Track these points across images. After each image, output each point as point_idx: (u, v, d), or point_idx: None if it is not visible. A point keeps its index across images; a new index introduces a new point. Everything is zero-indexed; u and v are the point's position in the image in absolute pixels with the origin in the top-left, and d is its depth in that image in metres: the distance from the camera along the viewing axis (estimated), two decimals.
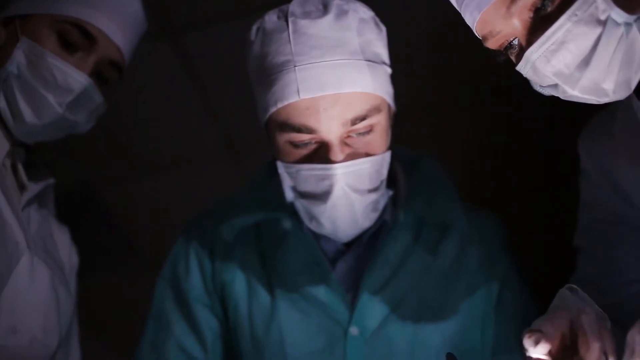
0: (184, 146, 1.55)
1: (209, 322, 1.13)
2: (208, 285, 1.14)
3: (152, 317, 1.16)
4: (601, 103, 0.81)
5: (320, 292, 1.10)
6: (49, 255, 1.04)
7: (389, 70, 1.09)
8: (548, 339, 0.74)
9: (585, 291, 0.99)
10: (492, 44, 0.86)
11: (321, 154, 1.03)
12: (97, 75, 1.04)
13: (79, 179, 1.57)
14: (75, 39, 1.00)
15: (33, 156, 1.09)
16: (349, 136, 1.03)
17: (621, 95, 0.79)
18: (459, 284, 1.13)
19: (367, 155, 1.05)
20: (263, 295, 1.11)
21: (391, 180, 1.14)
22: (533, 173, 1.44)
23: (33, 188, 1.03)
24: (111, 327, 1.24)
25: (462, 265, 1.14)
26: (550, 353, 0.74)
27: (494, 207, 1.27)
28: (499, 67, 0.88)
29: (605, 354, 0.73)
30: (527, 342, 0.75)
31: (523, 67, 0.82)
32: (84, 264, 1.37)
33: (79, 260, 1.15)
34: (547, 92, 0.83)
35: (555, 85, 0.81)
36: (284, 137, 1.04)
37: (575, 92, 0.79)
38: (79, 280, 1.18)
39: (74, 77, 0.99)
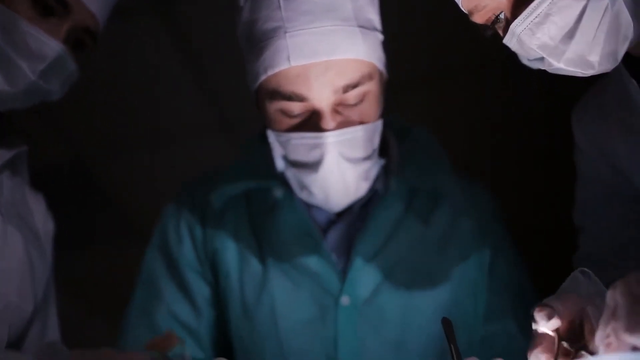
0: (176, 120, 1.54)
1: (200, 289, 1.13)
2: (199, 252, 1.13)
3: (142, 284, 1.15)
4: (587, 75, 0.80)
5: (312, 261, 1.09)
6: (22, 221, 1.04)
7: (380, 37, 1.07)
8: (559, 316, 0.73)
9: (589, 268, 0.98)
10: (478, 19, 0.85)
11: (312, 122, 1.02)
12: (72, 42, 1.02)
13: (71, 153, 1.56)
14: (50, 3, 0.98)
15: (4, 124, 1.07)
16: (340, 104, 1.02)
17: (607, 67, 0.79)
18: (451, 252, 1.12)
19: (359, 123, 1.03)
20: (254, 264, 1.10)
21: (383, 149, 1.13)
22: (529, 145, 1.43)
23: (3, 155, 1.02)
24: (105, 301, 1.24)
25: (454, 234, 1.13)
26: (557, 331, 0.73)
27: (487, 177, 1.26)
28: (496, 38, 0.87)
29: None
30: (539, 316, 0.74)
31: (509, 41, 0.81)
32: (76, 238, 1.36)
33: (54, 227, 1.14)
34: (535, 65, 0.83)
35: (542, 59, 0.80)
36: (274, 106, 1.02)
37: (560, 65, 0.79)
38: (71, 254, 1.17)
39: (48, 44, 0.98)
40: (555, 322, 0.72)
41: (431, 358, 1.07)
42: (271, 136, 1.07)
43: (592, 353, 0.71)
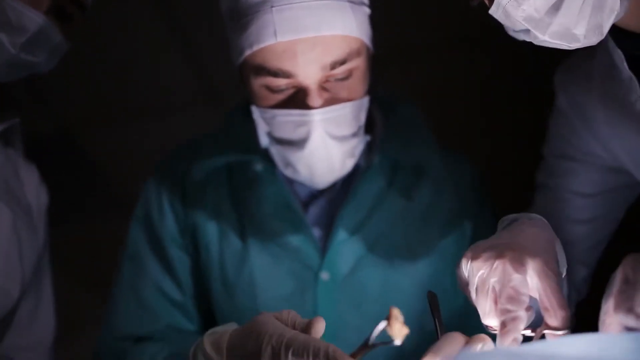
0: (164, 92, 1.52)
1: (184, 263, 1.13)
2: (181, 226, 1.13)
3: (128, 257, 1.14)
4: (572, 48, 0.80)
5: (292, 236, 1.09)
6: (11, 197, 1.02)
7: (368, 11, 1.05)
8: None
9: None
10: None
11: (298, 99, 1.01)
12: (58, 12, 1.00)
13: (57, 124, 1.55)
14: None
15: None
16: (327, 81, 1.01)
17: (592, 40, 0.78)
18: (432, 228, 1.12)
19: (346, 100, 1.02)
20: (234, 238, 1.10)
21: (368, 125, 1.12)
22: (515, 120, 1.43)
23: None
24: (91, 273, 1.24)
25: (436, 210, 1.13)
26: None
27: (472, 152, 1.26)
28: (482, 11, 0.86)
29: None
30: None
31: (495, 12, 0.80)
32: (63, 210, 1.35)
33: (48, 200, 1.13)
34: (520, 37, 0.82)
35: (527, 31, 0.79)
36: (260, 82, 1.01)
37: (545, 37, 0.78)
38: (56, 227, 1.17)
39: (29, 16, 0.95)
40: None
41: (411, 331, 1.08)
42: (255, 112, 1.06)
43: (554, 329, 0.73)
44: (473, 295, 0.78)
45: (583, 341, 0.62)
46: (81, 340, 1.10)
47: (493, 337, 0.73)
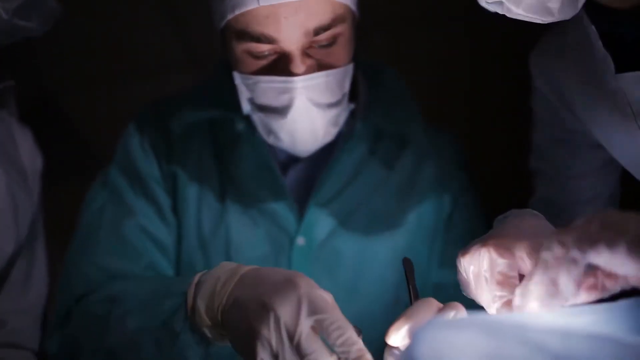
0: (146, 55, 1.51)
1: (168, 202, 1.10)
2: (163, 171, 1.10)
3: (108, 201, 1.10)
4: (546, 22, 0.79)
5: (269, 199, 1.08)
6: (6, 159, 1.02)
7: None
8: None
9: (543, 213, 1.01)
10: None
11: (281, 65, 0.99)
12: None
13: (41, 86, 1.53)
14: None
15: None
16: (311, 47, 0.99)
17: (566, 14, 0.77)
18: (412, 199, 1.12)
19: (330, 67, 1.01)
20: (213, 196, 1.09)
21: (352, 93, 1.11)
22: (503, 96, 1.43)
23: None
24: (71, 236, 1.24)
25: (416, 181, 1.13)
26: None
27: (456, 125, 1.26)
28: None
29: None
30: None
31: None
32: (48, 173, 1.35)
33: (43, 164, 1.12)
34: (493, 8, 0.80)
35: (500, 2, 0.78)
36: (242, 47, 0.99)
37: (519, 11, 0.77)
38: (43, 190, 1.16)
39: None
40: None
41: (384, 304, 1.09)
42: (237, 78, 1.04)
43: None
44: (473, 292, 0.78)
45: (556, 312, 0.63)
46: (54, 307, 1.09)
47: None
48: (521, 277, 0.75)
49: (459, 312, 0.71)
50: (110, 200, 1.10)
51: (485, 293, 0.74)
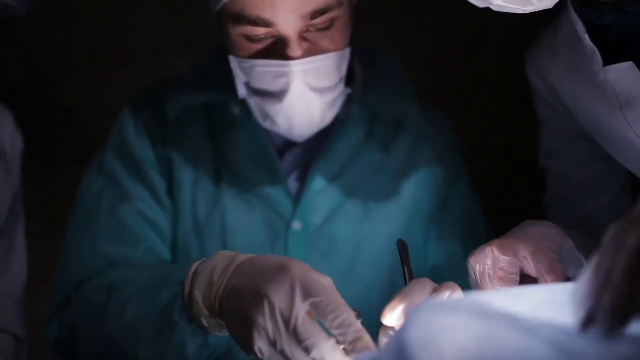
0: (140, 39, 1.50)
1: (163, 186, 1.10)
2: (158, 155, 1.10)
3: (105, 185, 1.09)
4: (527, 12, 0.78)
5: (265, 183, 1.08)
6: None
7: None
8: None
9: (556, 209, 1.01)
10: None
11: (278, 49, 0.98)
12: None
13: (33, 70, 1.52)
14: None
15: None
16: (307, 30, 0.98)
17: (546, 4, 0.76)
18: (408, 183, 1.12)
19: (327, 51, 1.00)
20: (209, 180, 1.09)
21: (349, 76, 1.10)
22: (497, 80, 1.43)
23: None
24: (66, 222, 1.23)
25: (412, 165, 1.13)
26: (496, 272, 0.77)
27: (452, 109, 1.25)
28: None
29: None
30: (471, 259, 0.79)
31: None
32: (35, 156, 1.34)
33: (22, 146, 1.11)
34: (474, 1, 0.80)
35: None
36: (238, 30, 0.99)
37: (499, 2, 0.77)
38: (33, 174, 1.15)
39: None
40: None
41: (380, 288, 1.09)
42: (233, 62, 1.04)
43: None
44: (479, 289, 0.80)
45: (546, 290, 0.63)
46: (47, 286, 1.09)
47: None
48: (522, 276, 0.76)
49: (454, 292, 0.72)
50: (107, 185, 1.09)
51: (488, 288, 0.76)
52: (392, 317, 0.71)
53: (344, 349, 0.69)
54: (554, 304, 0.61)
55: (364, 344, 0.68)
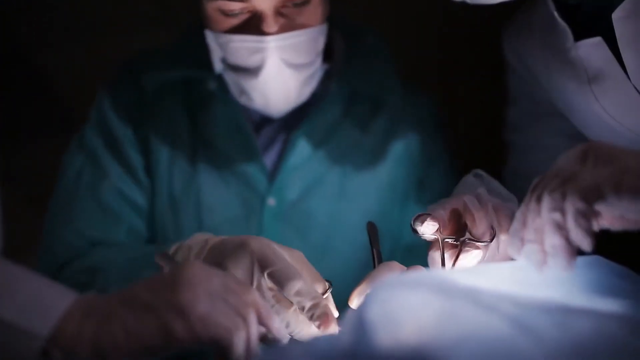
0: (118, 10, 1.48)
1: (141, 163, 1.09)
2: (136, 131, 1.10)
3: (85, 164, 1.09)
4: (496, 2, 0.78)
5: (241, 159, 1.07)
6: None
7: None
8: (434, 219, 0.76)
9: (514, 184, 1.02)
10: None
11: (254, 24, 0.97)
12: None
13: (11, 43, 1.50)
14: None
15: None
16: (284, 6, 0.97)
17: None
18: (385, 162, 1.12)
19: (303, 27, 0.99)
20: (184, 156, 1.08)
21: (328, 51, 1.09)
22: (481, 59, 1.42)
23: None
24: (48, 195, 1.23)
25: (390, 144, 1.12)
26: (439, 231, 0.77)
27: (433, 86, 1.25)
28: None
29: (493, 228, 0.75)
30: (415, 224, 0.77)
31: None
32: (16, 130, 1.33)
33: None
34: None
35: None
36: (213, 4, 0.97)
37: None
38: (12, 147, 1.14)
39: None
40: (430, 226, 0.76)
41: (355, 265, 1.09)
42: (210, 36, 1.03)
43: (477, 238, 0.75)
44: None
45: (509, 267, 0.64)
46: (31, 259, 1.09)
47: None
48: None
49: None
50: (87, 164, 1.09)
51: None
52: (360, 301, 0.72)
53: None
54: (514, 279, 0.63)
55: (322, 310, 0.69)
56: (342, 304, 0.83)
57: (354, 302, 0.73)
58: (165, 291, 0.60)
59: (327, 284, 0.76)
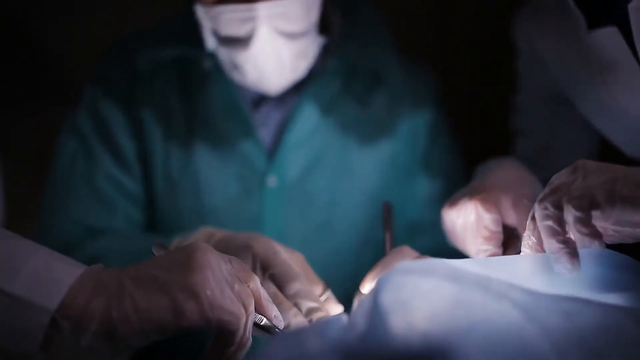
0: None
1: (134, 150, 1.08)
2: (128, 114, 1.07)
3: (79, 151, 1.07)
4: None
5: (238, 138, 1.06)
6: None
7: None
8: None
9: (527, 167, 1.03)
10: None
11: None
12: None
13: (6, 14, 1.46)
14: None
15: None
16: None
17: None
18: (386, 138, 1.11)
19: None
20: (180, 136, 1.06)
21: (325, 26, 1.07)
22: (479, 32, 1.42)
23: None
24: (42, 164, 1.22)
25: (391, 119, 1.11)
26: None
27: (432, 61, 1.24)
28: None
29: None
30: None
31: None
32: (12, 101, 1.31)
33: None
34: None
35: None
36: None
37: None
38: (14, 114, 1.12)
39: None
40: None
41: (354, 244, 1.09)
42: (200, 10, 1.00)
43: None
44: (460, 243, 0.81)
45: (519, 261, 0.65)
46: (27, 229, 1.08)
47: None
48: (505, 228, 0.77)
49: None
50: (81, 149, 1.07)
51: (471, 245, 0.77)
52: (372, 286, 0.72)
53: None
54: (523, 270, 0.64)
55: (320, 313, 0.71)
56: (341, 281, 0.85)
57: (366, 287, 0.74)
58: (177, 271, 0.59)
59: (324, 285, 0.77)
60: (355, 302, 0.75)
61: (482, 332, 0.55)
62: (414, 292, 0.57)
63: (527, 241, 0.65)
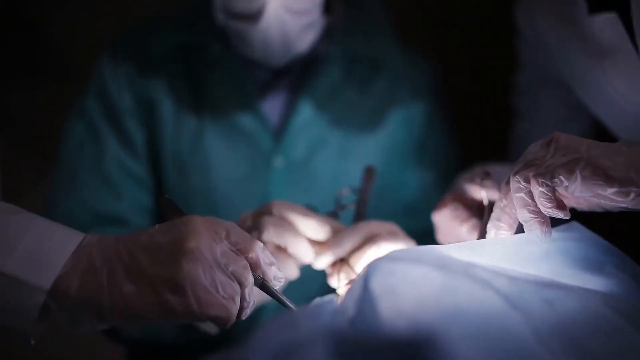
0: None
1: (141, 136, 1.11)
2: (137, 98, 1.10)
3: (86, 137, 1.10)
4: None
5: (246, 120, 1.09)
6: None
7: None
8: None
9: (518, 151, 1.05)
10: None
11: None
12: None
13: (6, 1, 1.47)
14: None
15: None
16: None
17: None
18: (385, 124, 1.14)
19: None
20: (190, 119, 1.09)
21: (328, 9, 1.09)
22: (476, 20, 1.42)
23: None
24: (41, 144, 1.23)
25: (390, 106, 1.14)
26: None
27: (433, 50, 1.25)
28: None
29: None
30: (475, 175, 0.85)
31: None
32: (10, 76, 1.32)
33: None
34: None
35: None
36: None
37: None
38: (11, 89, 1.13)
39: None
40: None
41: None
42: None
43: None
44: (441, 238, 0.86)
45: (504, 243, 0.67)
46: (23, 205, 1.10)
47: None
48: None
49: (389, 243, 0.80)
50: (89, 135, 1.10)
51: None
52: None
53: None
54: (507, 255, 0.66)
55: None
56: None
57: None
58: (167, 262, 0.59)
59: (311, 207, 0.85)
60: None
61: (467, 318, 0.57)
62: (403, 279, 0.59)
63: (500, 203, 0.70)
